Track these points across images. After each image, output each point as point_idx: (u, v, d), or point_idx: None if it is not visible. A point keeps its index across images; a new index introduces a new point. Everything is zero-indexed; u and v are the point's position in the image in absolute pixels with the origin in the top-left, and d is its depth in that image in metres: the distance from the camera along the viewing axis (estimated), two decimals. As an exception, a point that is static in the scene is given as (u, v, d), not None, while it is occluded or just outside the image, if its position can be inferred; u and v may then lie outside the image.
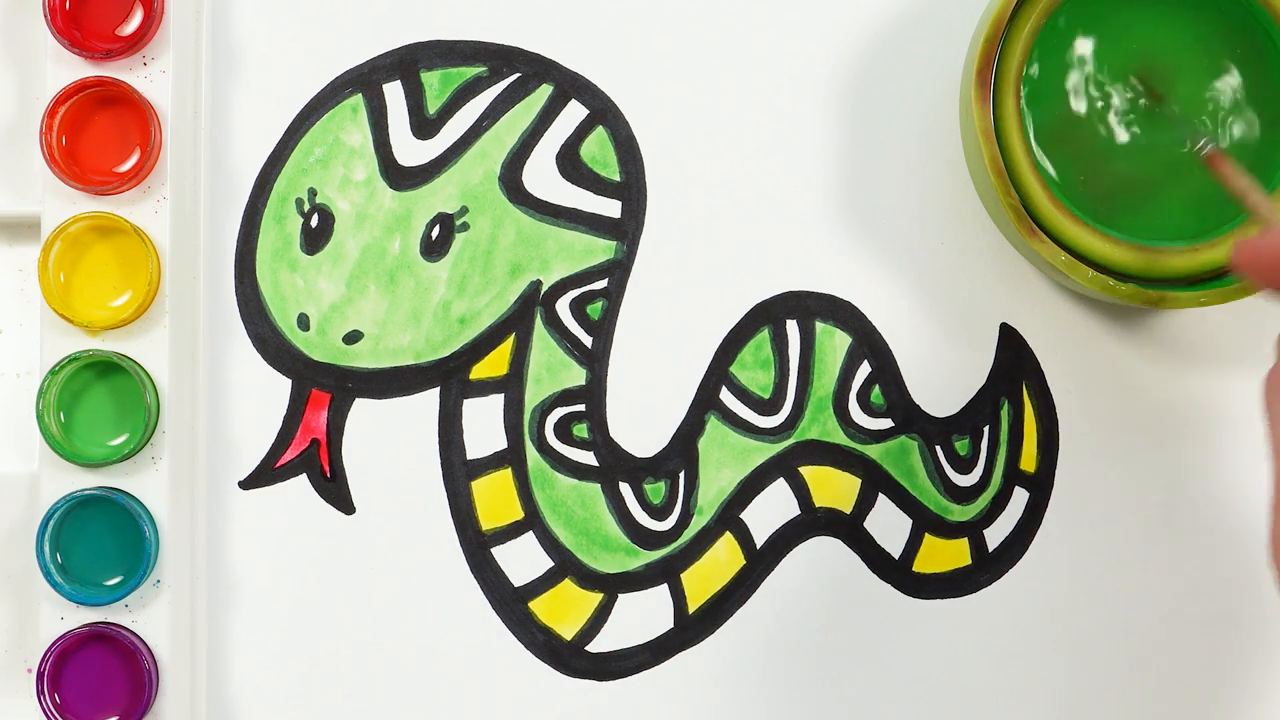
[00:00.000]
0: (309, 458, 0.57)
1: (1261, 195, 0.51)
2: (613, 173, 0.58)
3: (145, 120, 0.55)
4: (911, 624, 0.57)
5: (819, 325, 0.57)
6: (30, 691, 0.55)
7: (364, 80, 0.58)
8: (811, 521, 0.57)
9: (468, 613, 0.57)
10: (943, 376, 0.57)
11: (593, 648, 0.57)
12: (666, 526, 0.57)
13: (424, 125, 0.58)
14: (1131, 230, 0.54)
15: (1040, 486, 0.57)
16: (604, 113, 0.58)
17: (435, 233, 0.57)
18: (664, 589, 0.57)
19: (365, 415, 0.57)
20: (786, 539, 0.57)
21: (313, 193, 0.58)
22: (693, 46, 0.58)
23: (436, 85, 0.58)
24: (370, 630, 0.57)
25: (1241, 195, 0.51)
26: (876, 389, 0.57)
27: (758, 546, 0.57)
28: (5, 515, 0.56)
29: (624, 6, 0.58)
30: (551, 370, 0.57)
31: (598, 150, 0.58)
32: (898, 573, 0.57)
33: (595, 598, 0.57)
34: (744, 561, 0.57)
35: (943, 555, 0.57)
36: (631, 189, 0.58)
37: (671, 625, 0.57)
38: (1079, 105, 0.54)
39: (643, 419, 0.57)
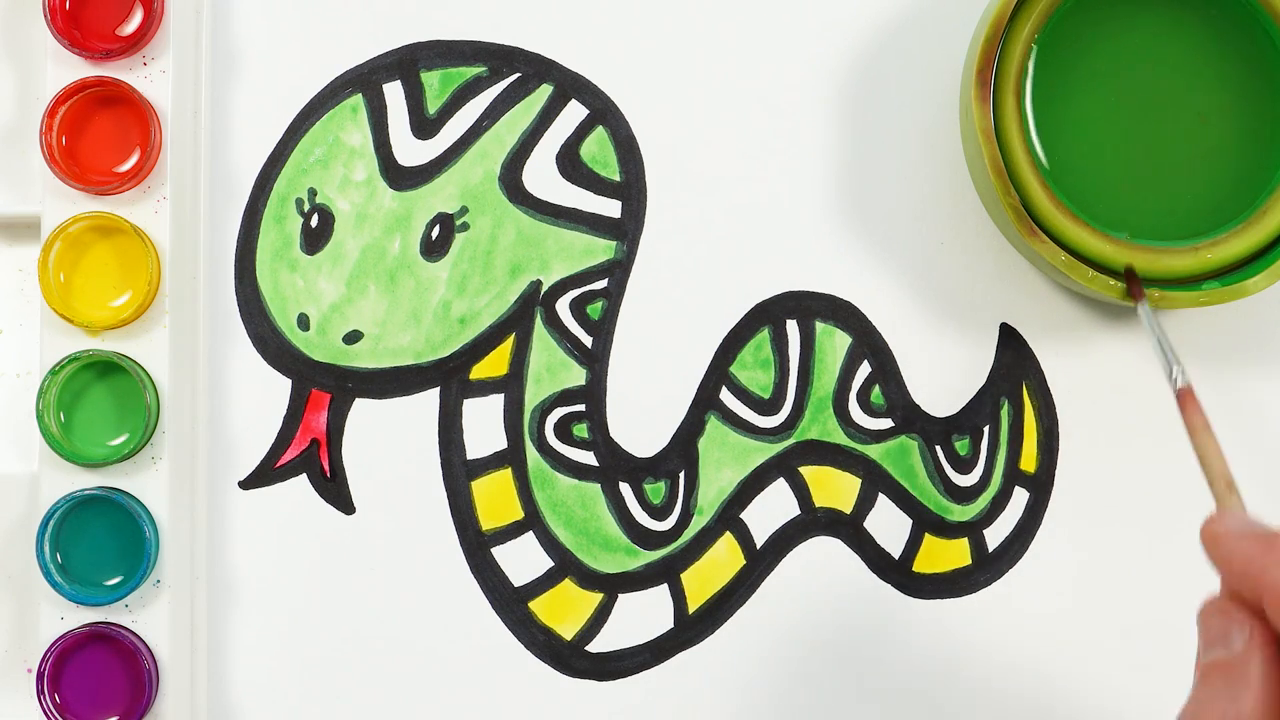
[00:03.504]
0: (309, 458, 0.57)
1: (1220, 461, 0.47)
2: (613, 173, 0.58)
3: (145, 120, 0.55)
4: (911, 624, 0.57)
5: (819, 325, 0.57)
6: (30, 691, 0.55)
7: (364, 80, 0.58)
8: (811, 521, 0.57)
9: (468, 613, 0.57)
10: (943, 376, 0.57)
11: (593, 648, 0.57)
12: (666, 526, 0.57)
13: (424, 125, 0.58)
14: (1131, 230, 0.54)
15: (1040, 486, 0.57)
16: (604, 113, 0.58)
17: (435, 233, 0.57)
18: (664, 589, 0.57)
19: (365, 415, 0.57)
20: (786, 539, 0.57)
21: (313, 193, 0.58)
22: (693, 46, 0.58)
23: (436, 85, 0.58)
24: (370, 630, 0.57)
25: (1198, 449, 0.48)
26: (876, 389, 0.57)
27: (758, 546, 0.57)
28: (5, 515, 0.56)
29: (624, 6, 0.58)
30: (551, 370, 0.57)
31: (598, 150, 0.58)
32: (898, 573, 0.57)
33: (595, 598, 0.57)
34: (744, 561, 0.57)
35: (943, 555, 0.57)
36: (631, 189, 0.58)
37: (671, 625, 0.57)
38: (1079, 105, 0.54)
39: (643, 419, 0.57)
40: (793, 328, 0.57)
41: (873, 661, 0.57)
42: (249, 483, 0.57)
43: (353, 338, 0.57)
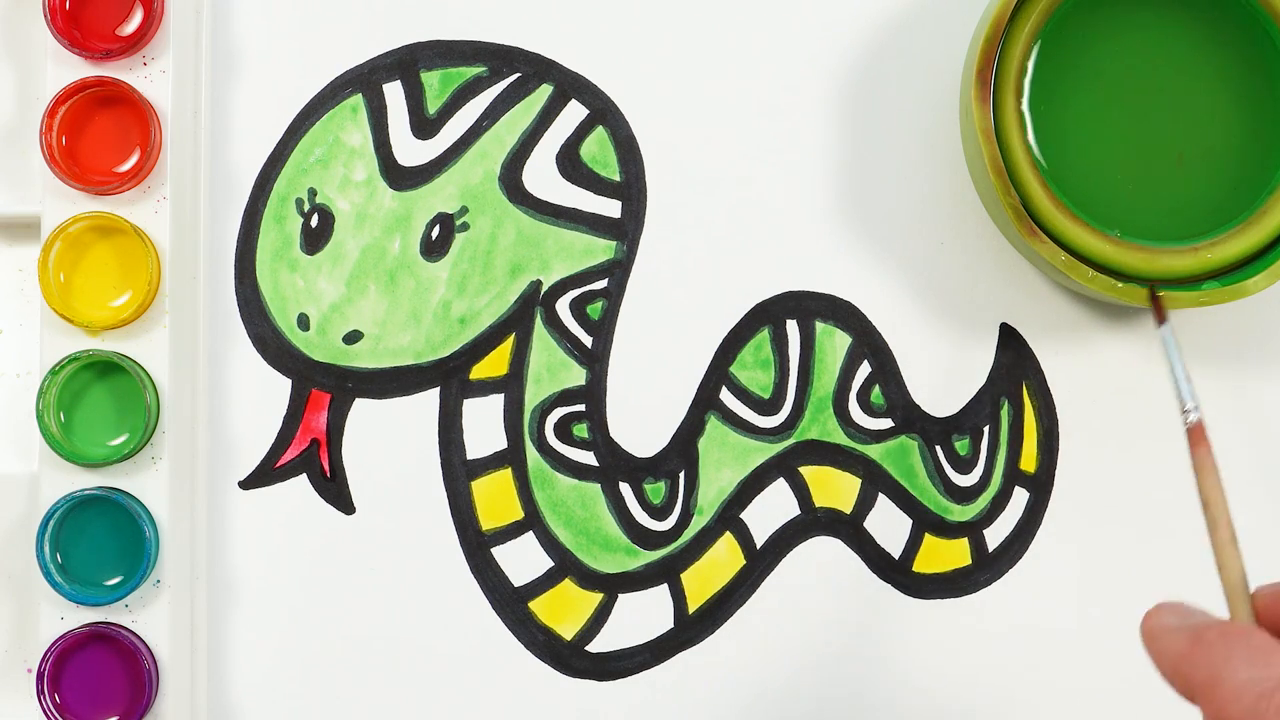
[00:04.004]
0: (309, 458, 0.57)
1: (1229, 530, 0.44)
2: (613, 173, 0.58)
3: (145, 120, 0.55)
4: (911, 624, 0.57)
5: (819, 325, 0.57)
6: (30, 691, 0.55)
7: (364, 80, 0.58)
8: (811, 521, 0.57)
9: (468, 613, 0.57)
10: (943, 376, 0.57)
11: (593, 648, 0.57)
12: (666, 526, 0.57)
13: (424, 125, 0.58)
14: (1131, 230, 0.54)
15: (1040, 486, 0.57)
16: (604, 113, 0.58)
17: (435, 233, 0.57)
18: (664, 589, 0.57)
19: (365, 415, 0.57)
20: (786, 539, 0.57)
21: (313, 193, 0.58)
22: (693, 46, 0.58)
23: (436, 85, 0.58)
24: (370, 630, 0.57)
25: (1203, 491, 0.45)
26: (876, 389, 0.57)
27: (758, 546, 0.57)
28: (5, 515, 0.56)
29: (624, 6, 0.58)
30: (551, 370, 0.57)
31: (598, 150, 0.58)
32: (898, 573, 0.57)
33: (595, 598, 0.57)
34: (744, 561, 0.57)
35: (943, 555, 0.57)
36: (631, 189, 0.58)
37: (671, 625, 0.57)
38: (1079, 105, 0.54)
39: (643, 419, 0.57)
40: (793, 328, 0.57)
41: (873, 661, 0.57)
42: (249, 483, 0.57)
43: (353, 338, 0.57)
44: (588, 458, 0.57)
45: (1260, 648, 0.38)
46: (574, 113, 0.58)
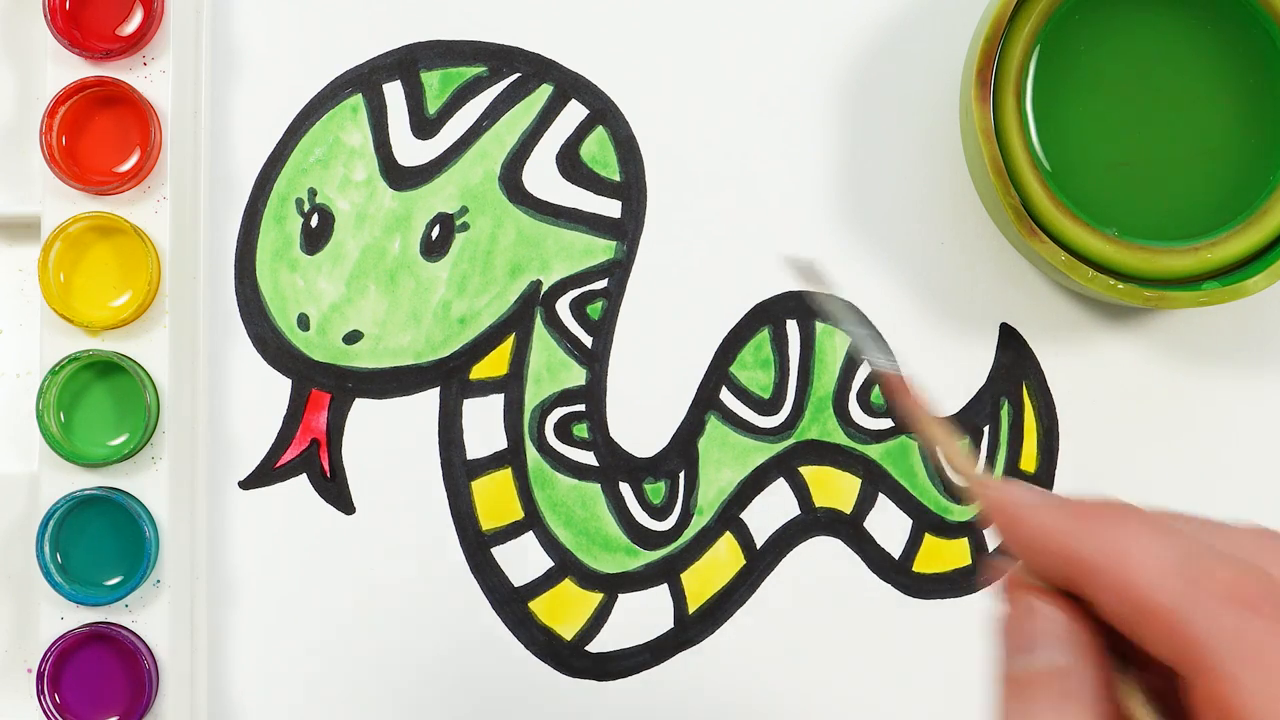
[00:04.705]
0: (309, 458, 0.57)
1: (951, 438, 0.38)
2: (613, 173, 0.58)
3: (145, 120, 0.55)
4: (911, 624, 0.57)
5: (819, 325, 0.57)
6: (30, 691, 0.55)
7: (364, 80, 0.58)
8: (811, 521, 0.57)
9: (468, 613, 0.57)
10: (943, 376, 0.57)
11: (593, 648, 0.57)
12: (666, 526, 0.57)
13: (424, 125, 0.58)
14: (1131, 230, 0.54)
15: (1040, 486, 0.57)
16: (604, 113, 0.58)
17: (435, 233, 0.57)
18: (664, 589, 0.57)
19: (365, 415, 0.57)
20: (786, 539, 0.57)
21: (313, 193, 0.58)
22: (693, 46, 0.58)
23: (436, 85, 0.58)
24: (370, 630, 0.57)
25: (925, 435, 0.38)
26: (876, 389, 0.57)
27: (758, 546, 0.57)
28: (5, 515, 0.56)
29: (624, 6, 0.58)
30: (551, 370, 0.57)
31: (598, 150, 0.58)
32: (898, 573, 0.57)
33: (595, 598, 0.57)
34: (744, 561, 0.57)
35: (943, 555, 0.57)
36: (631, 189, 0.58)
37: (671, 625, 0.57)
38: (1079, 105, 0.54)
39: (643, 419, 0.57)
40: (793, 328, 0.57)
41: (873, 661, 0.57)
42: (249, 483, 0.57)
43: (353, 338, 0.57)
44: (588, 458, 0.57)
45: (1149, 519, 0.32)
46: (574, 113, 0.58)
